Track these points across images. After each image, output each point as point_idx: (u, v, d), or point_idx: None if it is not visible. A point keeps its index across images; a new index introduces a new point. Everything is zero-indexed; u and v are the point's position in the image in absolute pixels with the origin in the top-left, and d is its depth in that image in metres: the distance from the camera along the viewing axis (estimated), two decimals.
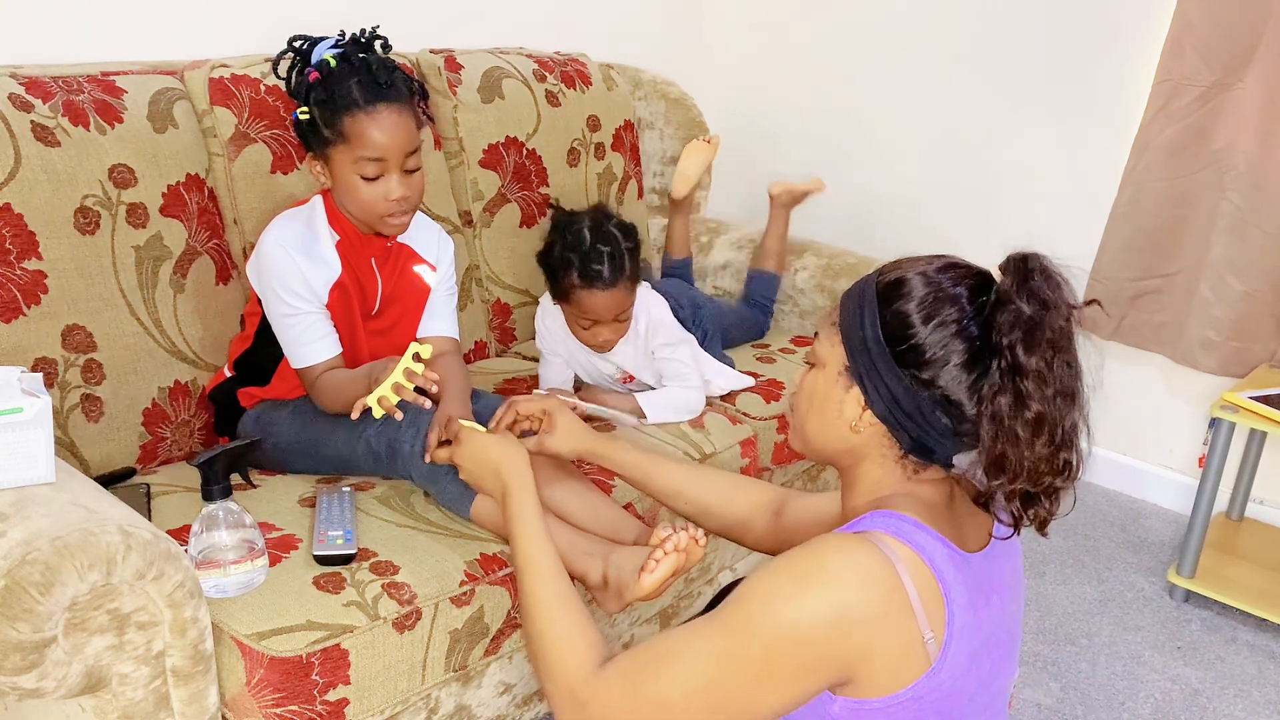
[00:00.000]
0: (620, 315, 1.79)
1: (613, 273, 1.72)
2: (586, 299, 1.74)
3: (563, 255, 1.74)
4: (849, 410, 1.04)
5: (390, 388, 1.41)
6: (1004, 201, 2.72)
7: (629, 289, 1.77)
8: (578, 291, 1.74)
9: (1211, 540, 2.34)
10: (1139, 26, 2.41)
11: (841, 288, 2.35)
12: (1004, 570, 1.07)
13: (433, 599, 1.37)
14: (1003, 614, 1.05)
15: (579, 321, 1.80)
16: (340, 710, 1.28)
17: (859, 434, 1.04)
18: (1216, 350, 2.36)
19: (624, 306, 1.78)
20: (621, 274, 1.73)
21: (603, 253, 1.71)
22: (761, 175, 3.11)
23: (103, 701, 1.14)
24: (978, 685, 1.00)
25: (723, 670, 0.95)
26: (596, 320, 1.77)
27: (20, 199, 1.49)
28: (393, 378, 1.41)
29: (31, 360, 1.50)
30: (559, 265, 1.75)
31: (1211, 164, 2.32)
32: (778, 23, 3.03)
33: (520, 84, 2.23)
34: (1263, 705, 1.97)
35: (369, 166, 1.52)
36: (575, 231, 1.75)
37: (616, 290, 1.74)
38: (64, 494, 1.17)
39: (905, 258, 1.07)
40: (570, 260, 1.72)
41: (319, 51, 1.54)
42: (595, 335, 1.80)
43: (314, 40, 1.56)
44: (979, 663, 1.00)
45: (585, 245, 1.72)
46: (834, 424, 1.06)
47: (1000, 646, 1.05)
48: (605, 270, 1.71)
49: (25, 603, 1.03)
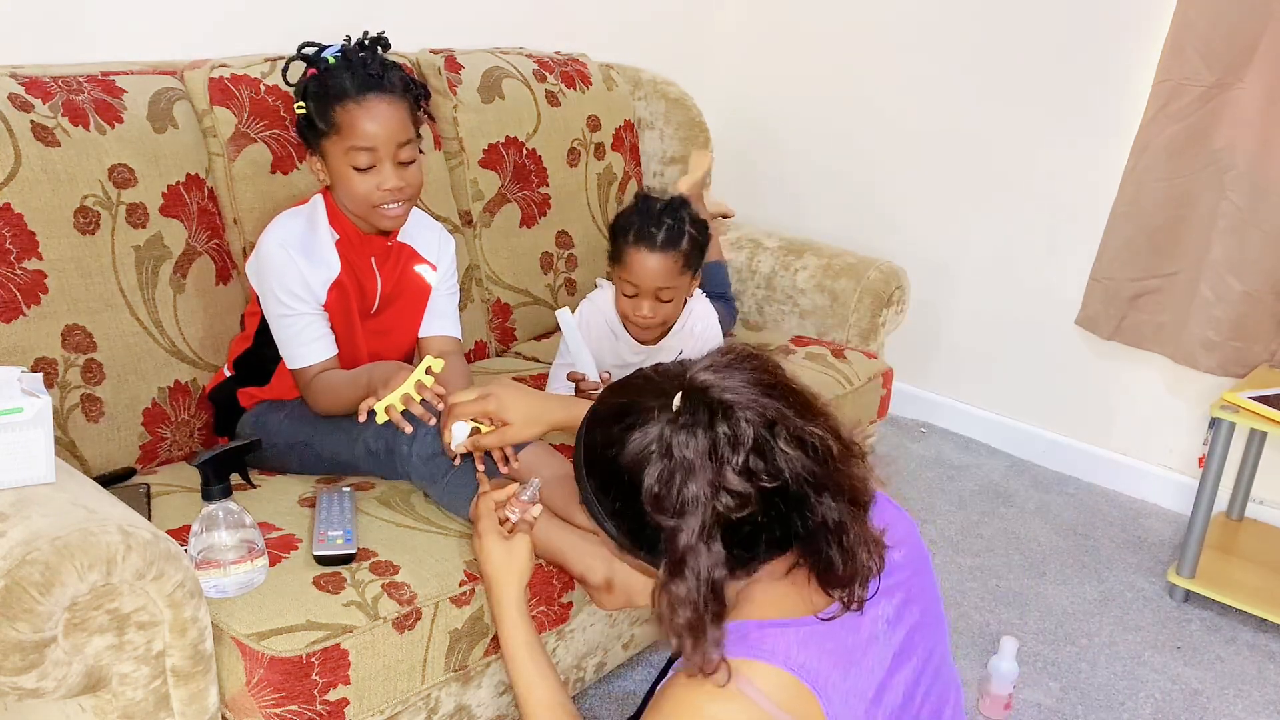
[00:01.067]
0: (662, 292, 1.79)
1: (667, 240, 1.75)
2: (635, 257, 1.76)
3: (629, 217, 1.80)
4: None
5: (400, 398, 1.41)
6: (1004, 201, 2.72)
7: (678, 265, 1.78)
8: (629, 249, 1.77)
9: (1211, 540, 2.34)
10: (1139, 26, 2.41)
11: (841, 288, 2.37)
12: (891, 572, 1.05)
13: (433, 599, 1.37)
14: (898, 621, 1.04)
15: (624, 288, 1.81)
16: (340, 710, 1.28)
17: None
18: (1216, 350, 2.36)
19: (668, 281, 1.78)
20: (675, 245, 1.76)
21: (665, 222, 1.76)
22: (761, 175, 3.13)
23: (103, 701, 1.14)
24: (900, 704, 1.01)
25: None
26: (639, 289, 1.79)
27: (20, 199, 1.49)
28: (404, 388, 1.41)
29: (31, 360, 1.50)
30: (622, 226, 1.79)
31: (1211, 164, 2.32)
32: (778, 23, 3.03)
33: (520, 84, 2.23)
34: (1263, 705, 1.97)
35: (361, 156, 1.52)
36: (650, 203, 1.81)
37: (665, 257, 1.76)
38: (64, 494, 1.17)
39: (599, 417, 1.03)
40: (633, 221, 1.78)
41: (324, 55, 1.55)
42: (636, 308, 1.81)
43: (322, 46, 1.56)
44: (889, 693, 1.00)
45: (653, 212, 1.78)
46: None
47: (917, 646, 1.04)
48: (660, 234, 1.75)
49: (25, 603, 1.03)
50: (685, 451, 0.93)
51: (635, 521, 0.98)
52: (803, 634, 0.96)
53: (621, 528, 1.01)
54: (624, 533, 1.01)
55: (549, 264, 2.29)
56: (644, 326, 1.85)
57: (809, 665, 0.94)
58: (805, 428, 0.95)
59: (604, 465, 1.00)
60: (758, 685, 0.92)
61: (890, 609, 1.03)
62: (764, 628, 0.96)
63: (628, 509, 0.98)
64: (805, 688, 0.93)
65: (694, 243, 1.79)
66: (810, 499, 0.95)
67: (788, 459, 0.94)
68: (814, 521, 0.96)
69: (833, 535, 0.96)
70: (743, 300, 2.51)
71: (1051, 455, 2.81)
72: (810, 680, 0.94)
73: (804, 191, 3.07)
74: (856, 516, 0.98)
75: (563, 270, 2.32)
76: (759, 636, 0.95)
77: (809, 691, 0.93)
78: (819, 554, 0.97)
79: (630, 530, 1.00)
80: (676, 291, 1.82)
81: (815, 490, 0.95)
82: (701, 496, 0.92)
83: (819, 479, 0.95)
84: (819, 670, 0.94)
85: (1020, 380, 2.81)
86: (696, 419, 0.93)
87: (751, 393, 0.95)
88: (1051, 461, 2.81)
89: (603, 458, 1.00)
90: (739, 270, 2.50)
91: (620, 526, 1.01)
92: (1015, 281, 2.75)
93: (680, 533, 0.93)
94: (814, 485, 0.95)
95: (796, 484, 0.94)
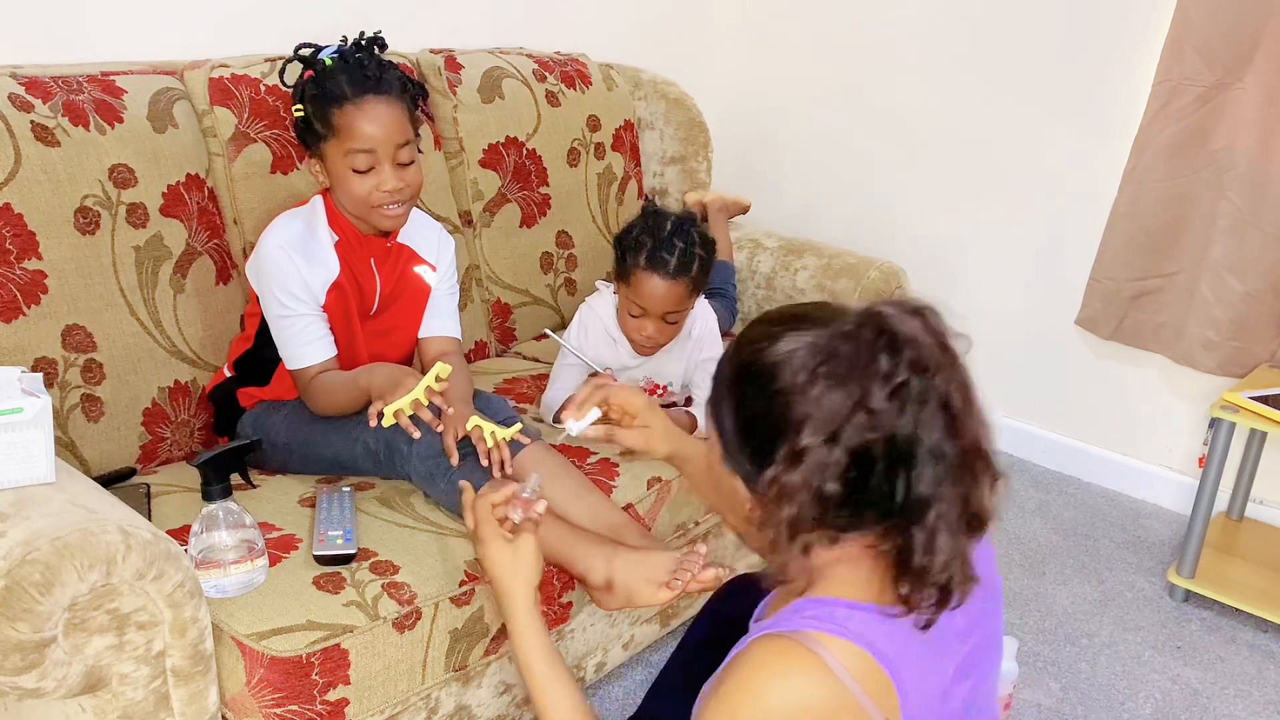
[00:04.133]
0: (670, 315, 1.79)
1: (679, 267, 1.74)
2: (645, 283, 1.75)
3: (639, 237, 1.76)
4: (742, 494, 0.99)
5: (410, 404, 1.41)
6: (1004, 201, 2.72)
7: (687, 291, 1.78)
8: (639, 273, 1.75)
9: (1211, 540, 2.34)
10: (1139, 26, 2.41)
11: (841, 288, 2.37)
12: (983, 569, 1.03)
13: (433, 599, 1.37)
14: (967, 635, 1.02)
15: (630, 308, 1.80)
16: (340, 710, 1.28)
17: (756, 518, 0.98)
18: (1216, 350, 2.36)
19: (677, 306, 1.78)
20: (685, 272, 1.75)
21: (676, 246, 1.74)
22: (761, 175, 3.13)
23: (103, 701, 1.14)
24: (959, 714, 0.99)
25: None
26: (646, 311, 1.78)
27: (20, 199, 1.49)
28: (414, 394, 1.41)
29: (31, 360, 1.50)
30: (632, 245, 1.77)
31: (1211, 164, 2.32)
32: (778, 23, 3.03)
33: (520, 84, 2.23)
34: (1263, 705, 1.97)
35: (360, 159, 1.52)
36: (659, 221, 1.78)
37: (676, 284, 1.75)
38: (64, 494, 1.17)
39: (766, 317, 0.99)
40: (644, 242, 1.75)
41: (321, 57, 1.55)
42: (640, 328, 1.81)
43: (319, 47, 1.56)
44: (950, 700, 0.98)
45: (663, 233, 1.75)
46: (737, 507, 1.01)
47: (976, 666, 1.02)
48: (673, 261, 1.73)
49: (25, 603, 1.03)
50: (839, 361, 0.90)
51: (759, 420, 0.95)
52: (889, 625, 0.94)
53: (740, 425, 0.97)
54: (739, 431, 0.97)
55: (549, 264, 2.29)
56: (648, 346, 1.85)
57: (891, 657, 0.92)
58: (959, 405, 0.92)
59: (751, 355, 0.96)
60: (842, 661, 0.90)
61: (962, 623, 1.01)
62: (852, 609, 0.94)
63: (758, 401, 0.94)
64: (887, 678, 0.91)
65: (703, 266, 1.78)
66: (927, 473, 0.90)
67: (930, 417, 0.90)
68: (919, 499, 0.91)
69: (928, 525, 0.91)
70: (743, 300, 2.50)
71: (1051, 455, 2.81)
72: (892, 672, 0.91)
73: (804, 191, 3.07)
74: (961, 530, 0.93)
75: (563, 270, 2.32)
76: (846, 616, 0.93)
77: (890, 683, 0.91)
78: (909, 539, 0.92)
79: (746, 429, 0.96)
80: (683, 314, 1.83)
81: (937, 466, 0.90)
82: (841, 405, 0.89)
83: (947, 461, 0.91)
84: (901, 665, 0.92)
85: (1020, 380, 2.81)
86: (863, 336, 0.91)
87: (927, 338, 0.92)
88: (1051, 461, 2.81)
89: (753, 349, 0.96)
90: (739, 270, 2.49)
91: (739, 423, 0.97)
92: (1015, 281, 2.75)
93: (809, 425, 0.90)
94: (938, 461, 0.90)
95: (924, 448, 0.90)
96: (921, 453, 0.90)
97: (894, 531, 0.93)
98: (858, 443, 0.89)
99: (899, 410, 0.89)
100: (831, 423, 0.89)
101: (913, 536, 0.92)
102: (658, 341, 1.84)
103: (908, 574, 0.93)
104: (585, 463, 1.71)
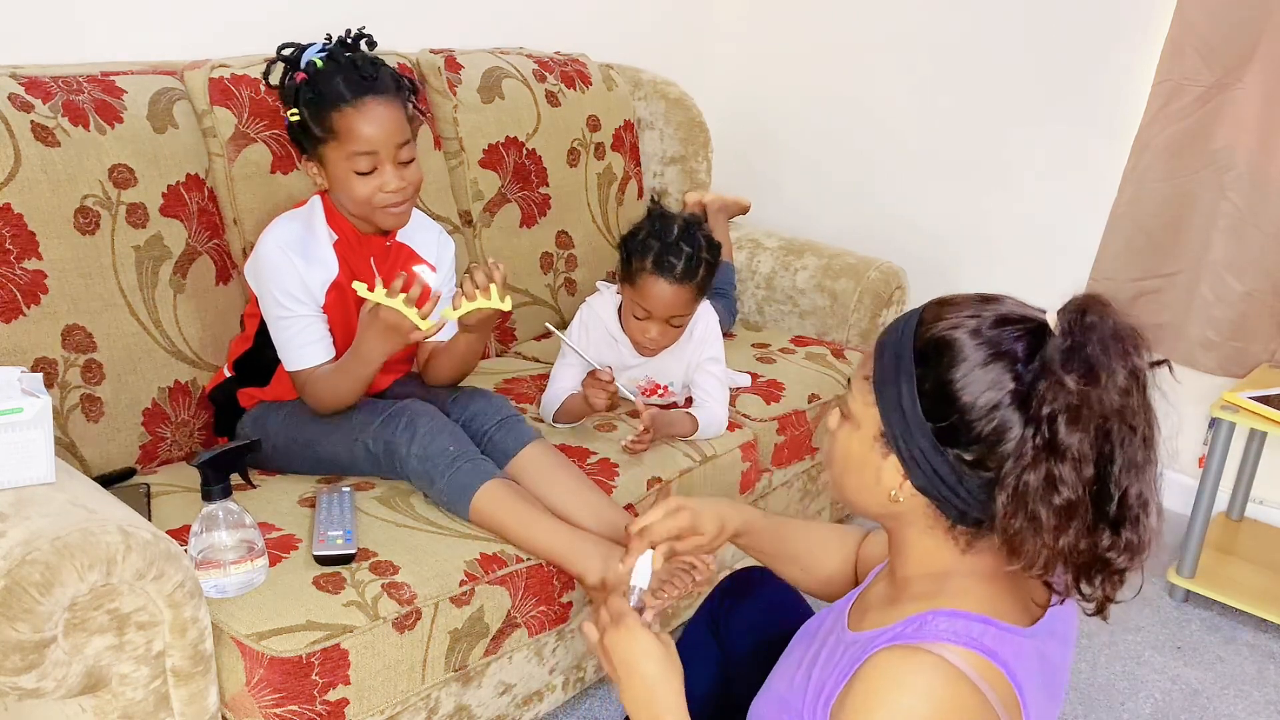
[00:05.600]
0: (674, 318, 1.80)
1: (685, 272, 1.74)
2: (651, 286, 1.75)
3: (645, 240, 1.76)
4: (887, 478, 0.95)
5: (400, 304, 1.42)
6: (1004, 202, 2.72)
7: (693, 296, 1.78)
8: (646, 276, 1.75)
9: (1211, 540, 2.34)
10: (1139, 26, 2.41)
11: (841, 288, 2.37)
12: (1068, 627, 1.01)
13: (433, 599, 1.37)
14: (1064, 670, 1.01)
15: (635, 310, 1.81)
16: (340, 710, 1.28)
17: (899, 504, 0.96)
18: (1216, 350, 2.36)
19: (681, 310, 1.79)
20: (692, 277, 1.75)
21: (683, 250, 1.74)
22: (761, 175, 3.13)
23: (103, 701, 1.14)
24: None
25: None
26: (651, 314, 1.78)
27: (20, 199, 1.49)
28: (395, 301, 1.41)
29: (31, 360, 1.50)
30: (638, 248, 1.77)
31: (1211, 164, 2.32)
32: (778, 23, 3.03)
33: (520, 84, 2.23)
34: (1263, 705, 1.97)
35: (362, 161, 1.52)
36: (666, 224, 1.78)
37: (681, 289, 1.75)
38: (64, 494, 1.17)
39: (947, 300, 0.96)
40: (651, 246, 1.75)
41: (307, 56, 1.55)
42: (644, 330, 1.81)
43: (302, 47, 1.56)
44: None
45: (670, 237, 1.75)
46: (872, 489, 0.98)
47: (1056, 699, 1.01)
48: (679, 266, 1.73)
49: (25, 603, 1.03)
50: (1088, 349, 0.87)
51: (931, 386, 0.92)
52: (1021, 645, 0.92)
53: (914, 394, 0.93)
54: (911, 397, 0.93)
55: (549, 264, 2.29)
56: (651, 348, 1.86)
57: (1020, 675, 0.89)
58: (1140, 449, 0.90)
59: (940, 330, 0.93)
60: (978, 673, 0.87)
61: (1065, 676, 1.01)
62: (986, 624, 0.91)
63: (934, 372, 0.91)
64: (1016, 698, 0.89)
65: (709, 270, 1.79)
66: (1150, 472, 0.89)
67: (1111, 452, 0.88)
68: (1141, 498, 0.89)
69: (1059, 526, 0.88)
70: (743, 300, 2.51)
71: None
72: (1021, 694, 0.89)
73: (804, 191, 3.07)
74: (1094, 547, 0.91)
75: (563, 270, 2.32)
76: (981, 632, 0.91)
77: (1019, 703, 0.89)
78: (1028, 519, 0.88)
79: (938, 408, 0.92)
80: (688, 317, 1.83)
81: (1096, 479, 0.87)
82: (1008, 382, 0.88)
83: (1101, 478, 0.88)
84: (1028, 687, 0.90)
85: None
86: (1064, 330, 0.88)
87: (1118, 347, 0.89)
88: None
89: (943, 326, 0.93)
90: (739, 270, 2.50)
91: (914, 392, 0.93)
92: (1015, 281, 2.74)
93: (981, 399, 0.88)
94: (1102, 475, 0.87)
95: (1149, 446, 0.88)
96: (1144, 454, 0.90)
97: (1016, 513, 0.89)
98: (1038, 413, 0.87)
99: (1140, 403, 0.90)
100: (1001, 389, 0.88)
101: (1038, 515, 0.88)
102: (661, 344, 1.84)
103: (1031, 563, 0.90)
104: (586, 463, 1.71)
